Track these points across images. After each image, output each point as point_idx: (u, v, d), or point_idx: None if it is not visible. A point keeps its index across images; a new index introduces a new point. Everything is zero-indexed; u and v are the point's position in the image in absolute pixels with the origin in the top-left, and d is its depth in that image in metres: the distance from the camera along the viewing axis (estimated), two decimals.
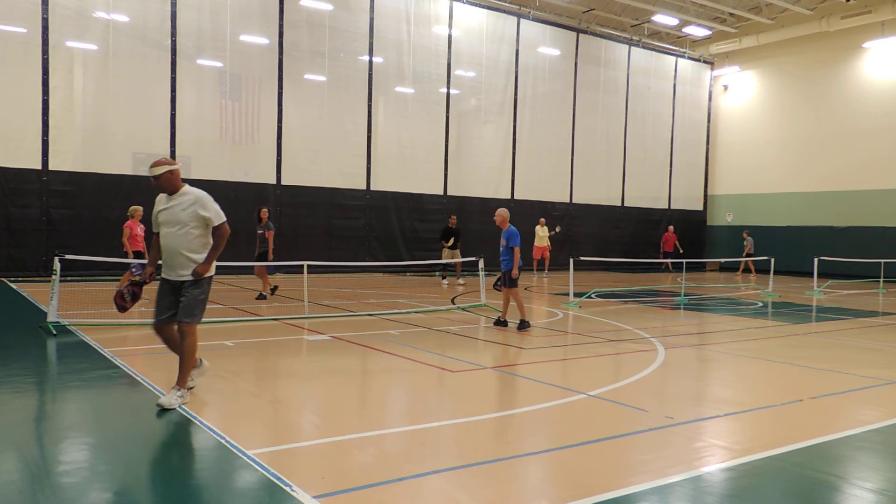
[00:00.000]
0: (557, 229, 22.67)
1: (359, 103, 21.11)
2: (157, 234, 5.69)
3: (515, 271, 10.12)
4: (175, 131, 18.25)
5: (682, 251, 26.18)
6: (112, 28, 17.51)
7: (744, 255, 25.23)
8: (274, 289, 13.77)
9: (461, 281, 18.50)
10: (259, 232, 13.45)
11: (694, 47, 29.94)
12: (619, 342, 9.44)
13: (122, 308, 6.11)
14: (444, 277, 18.68)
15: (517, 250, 10.13)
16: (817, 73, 26.79)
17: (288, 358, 8.08)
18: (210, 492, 3.88)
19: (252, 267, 14.75)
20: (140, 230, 12.70)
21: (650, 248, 27.64)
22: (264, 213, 13.54)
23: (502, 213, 10.45)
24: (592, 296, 15.45)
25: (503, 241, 10.22)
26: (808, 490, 4.13)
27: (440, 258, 18.62)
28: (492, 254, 13.65)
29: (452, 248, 18.19)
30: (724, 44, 28.67)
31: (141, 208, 12.63)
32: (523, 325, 10.10)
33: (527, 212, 23.95)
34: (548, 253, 21.98)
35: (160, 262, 5.69)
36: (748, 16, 26.05)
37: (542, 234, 21.90)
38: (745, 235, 26.05)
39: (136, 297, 6.13)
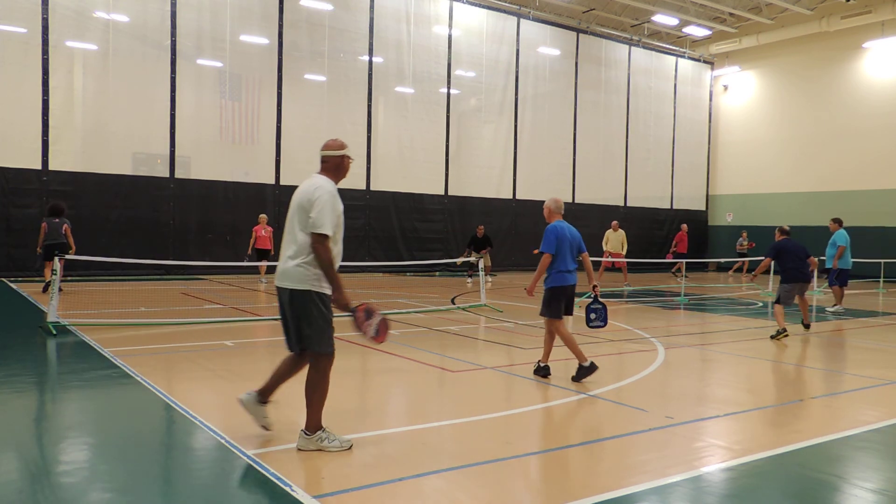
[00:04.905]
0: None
1: (358, 103, 21.09)
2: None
3: (532, 287, 7.04)
4: (175, 131, 18.23)
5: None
6: (112, 28, 17.49)
7: (740, 250, 25.46)
8: (46, 285, 12.41)
9: (489, 278, 18.59)
10: (56, 222, 13.29)
11: (694, 47, 29.93)
12: (619, 342, 9.44)
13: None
14: (469, 276, 18.71)
15: (546, 257, 6.98)
16: (817, 73, 26.78)
17: None
18: (210, 492, 3.88)
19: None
20: (264, 232, 16.52)
21: (654, 248, 27.59)
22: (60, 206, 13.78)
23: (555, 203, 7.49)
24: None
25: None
26: (808, 490, 4.13)
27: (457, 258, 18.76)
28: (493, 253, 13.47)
29: (479, 253, 18.01)
30: (724, 44, 28.65)
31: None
32: (587, 372, 6.85)
33: (529, 212, 23.91)
34: (621, 262, 18.40)
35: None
36: (748, 16, 26.04)
37: (613, 238, 18.59)
38: (743, 235, 26.13)
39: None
